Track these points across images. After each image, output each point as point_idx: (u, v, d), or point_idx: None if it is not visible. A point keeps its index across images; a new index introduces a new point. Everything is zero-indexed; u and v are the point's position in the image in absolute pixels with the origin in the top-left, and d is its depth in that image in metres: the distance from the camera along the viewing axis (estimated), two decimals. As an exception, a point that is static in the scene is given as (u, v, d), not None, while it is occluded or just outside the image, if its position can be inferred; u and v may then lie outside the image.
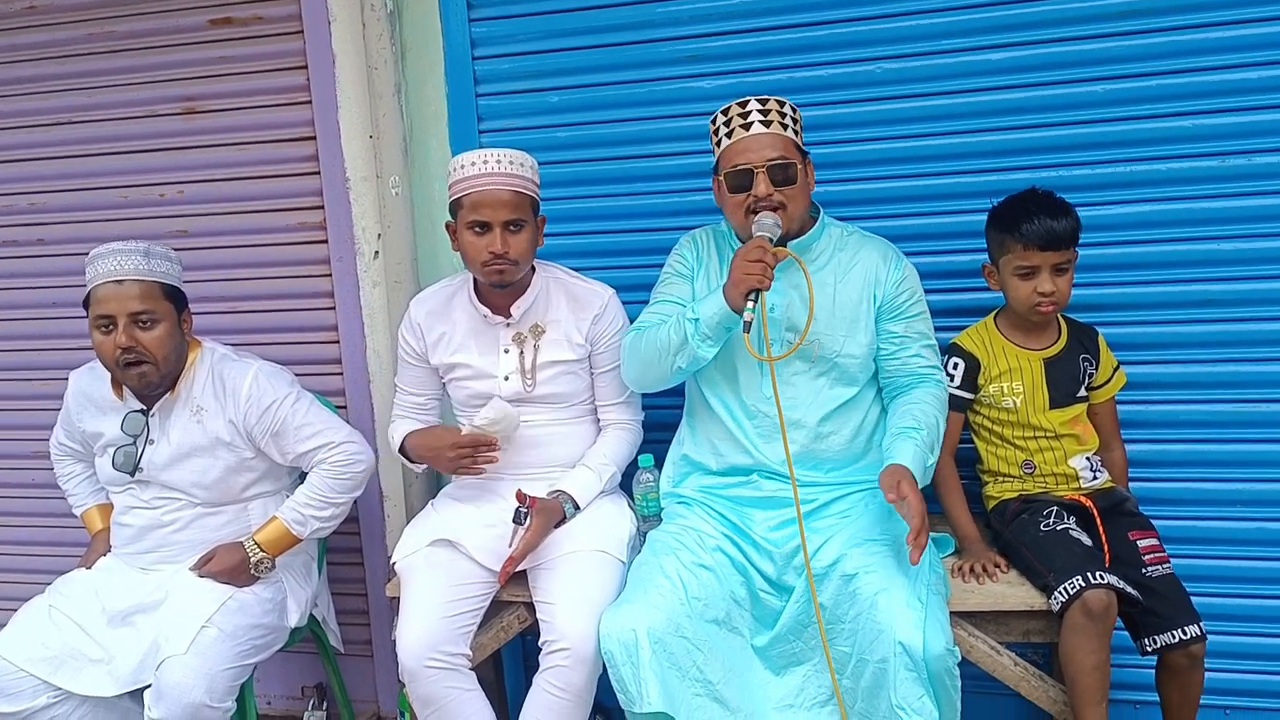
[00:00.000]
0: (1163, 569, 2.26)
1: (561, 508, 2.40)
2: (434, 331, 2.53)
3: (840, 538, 2.22)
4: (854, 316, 2.33)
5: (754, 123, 2.26)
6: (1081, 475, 2.42)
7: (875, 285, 2.34)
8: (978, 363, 2.45)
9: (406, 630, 2.28)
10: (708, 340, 2.25)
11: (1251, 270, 2.53)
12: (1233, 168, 2.50)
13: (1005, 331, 2.47)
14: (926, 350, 2.36)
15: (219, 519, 2.54)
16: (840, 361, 2.33)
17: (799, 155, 2.29)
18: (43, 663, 2.35)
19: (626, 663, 2.09)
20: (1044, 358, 2.43)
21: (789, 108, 2.30)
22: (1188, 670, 2.24)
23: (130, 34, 3.03)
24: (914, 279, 2.38)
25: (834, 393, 2.34)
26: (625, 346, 2.42)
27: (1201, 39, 2.47)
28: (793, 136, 2.28)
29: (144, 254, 2.40)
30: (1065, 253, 2.33)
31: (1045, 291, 2.33)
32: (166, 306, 2.41)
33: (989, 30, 2.56)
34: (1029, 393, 2.42)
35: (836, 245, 2.39)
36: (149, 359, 2.39)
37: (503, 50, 2.85)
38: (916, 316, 2.36)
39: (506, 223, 2.33)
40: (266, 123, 2.99)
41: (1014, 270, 2.36)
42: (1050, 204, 2.33)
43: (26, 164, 3.19)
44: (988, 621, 2.27)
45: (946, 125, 2.62)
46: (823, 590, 2.17)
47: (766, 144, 2.25)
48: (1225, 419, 2.60)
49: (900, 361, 2.35)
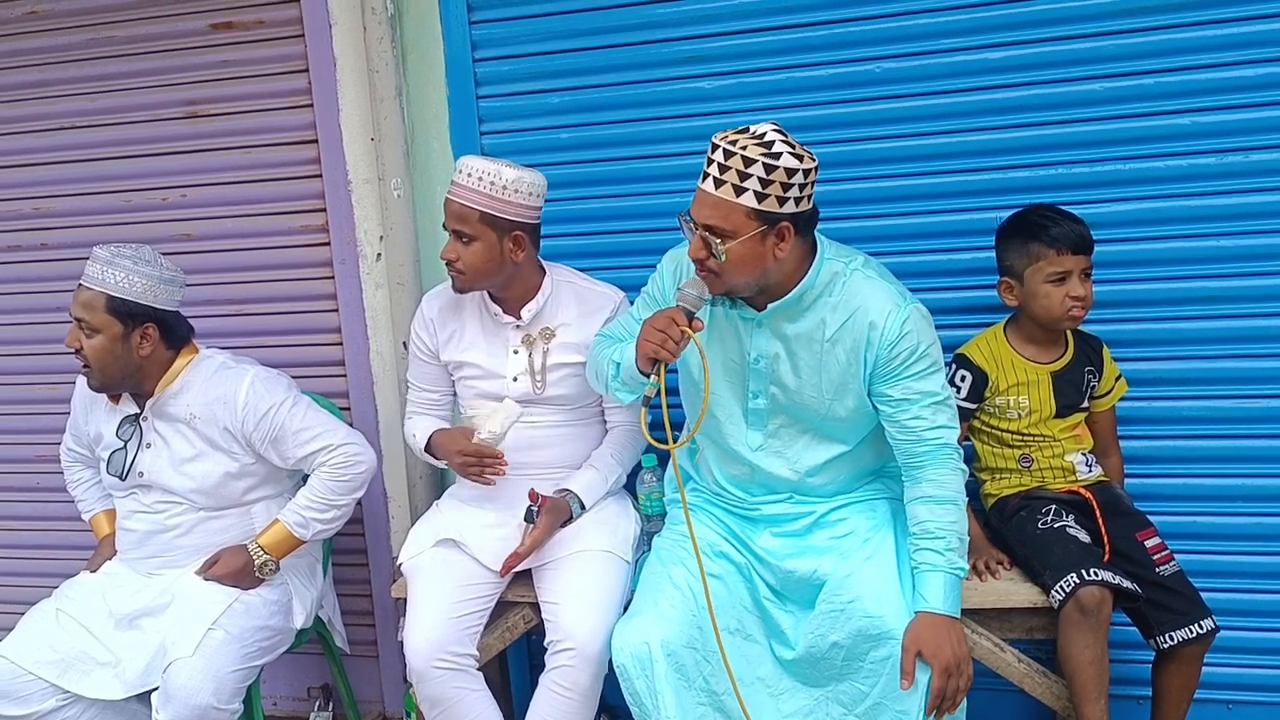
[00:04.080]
0: (1171, 566, 2.28)
1: (569, 506, 2.42)
2: (445, 328, 2.55)
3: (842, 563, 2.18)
4: (842, 381, 2.16)
5: (710, 177, 2.00)
6: (1078, 469, 2.43)
7: (866, 348, 2.12)
8: (986, 376, 2.44)
9: (414, 631, 2.30)
10: (625, 387, 2.22)
11: (1250, 267, 2.53)
12: (1230, 165, 2.50)
13: (1015, 344, 2.46)
14: (929, 411, 2.12)
15: (222, 523, 2.54)
16: (827, 425, 2.22)
17: (754, 224, 1.98)
18: (50, 666, 2.37)
19: (640, 676, 2.08)
20: (1051, 371, 2.43)
21: (759, 169, 1.94)
22: (1195, 662, 2.26)
23: (132, 39, 3.03)
24: (914, 335, 2.10)
25: (821, 449, 2.26)
26: (590, 348, 2.42)
27: (1198, 37, 2.47)
28: (747, 204, 1.96)
29: (105, 263, 2.39)
30: (1090, 257, 2.35)
31: (1078, 295, 2.33)
32: (105, 319, 2.38)
33: (987, 30, 2.56)
34: (1036, 405, 2.42)
35: (829, 302, 2.14)
36: (89, 365, 2.42)
37: (503, 52, 2.85)
38: (915, 376, 2.11)
39: (457, 233, 2.37)
40: (268, 126, 3.00)
41: (1046, 277, 2.33)
42: (1065, 213, 2.36)
43: (30, 169, 3.19)
44: (991, 618, 2.28)
45: (945, 124, 2.62)
46: (838, 628, 2.11)
47: (709, 205, 2.00)
48: (1225, 415, 2.60)
49: (900, 425, 2.14)
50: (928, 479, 2.13)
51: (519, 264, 2.42)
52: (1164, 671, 2.31)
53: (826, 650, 2.12)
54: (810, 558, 2.22)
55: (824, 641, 2.12)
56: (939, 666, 1.99)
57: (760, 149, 1.95)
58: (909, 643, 2.01)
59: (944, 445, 2.13)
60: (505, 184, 2.34)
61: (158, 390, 2.48)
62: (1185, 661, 2.26)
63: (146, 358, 2.45)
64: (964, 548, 2.12)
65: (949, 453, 2.14)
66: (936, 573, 2.07)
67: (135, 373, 2.46)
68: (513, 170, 2.35)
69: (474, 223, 2.35)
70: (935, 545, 2.09)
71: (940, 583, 2.06)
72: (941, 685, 2.00)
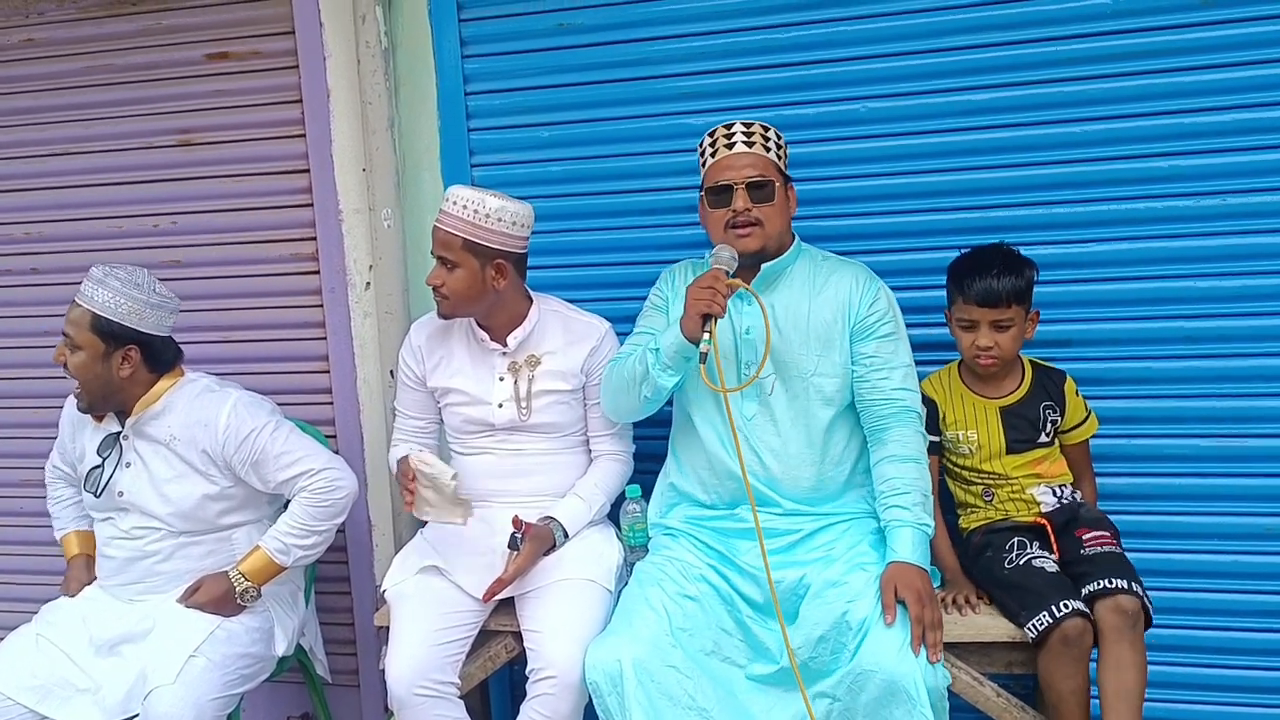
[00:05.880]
0: (1104, 549, 2.28)
1: (552, 534, 2.43)
2: (433, 355, 2.57)
3: (826, 571, 2.26)
4: (827, 337, 2.37)
5: (737, 142, 2.35)
6: (1042, 501, 2.45)
7: (849, 307, 2.38)
8: (936, 406, 2.50)
9: (396, 658, 2.30)
10: (668, 370, 2.29)
11: (1225, 308, 2.58)
12: (1206, 208, 2.55)
13: (965, 378, 2.52)
14: (898, 374, 2.36)
15: (201, 549, 2.54)
16: (815, 382, 2.37)
17: (779, 176, 2.37)
18: (30, 692, 2.35)
19: (612, 693, 2.12)
20: (1000, 406, 2.47)
21: (773, 133, 2.39)
22: (1119, 636, 2.13)
23: (128, 67, 3.07)
24: (887, 301, 2.41)
25: (812, 416, 2.38)
26: (603, 378, 2.47)
27: (1177, 82, 2.53)
28: (774, 159, 2.36)
29: (97, 282, 2.42)
30: (1005, 310, 2.37)
31: (982, 346, 2.39)
32: (89, 337, 2.40)
33: (969, 72, 2.62)
34: (984, 439, 2.46)
35: (812, 268, 2.44)
36: (75, 379, 2.44)
37: (495, 86, 2.90)
38: (888, 338, 2.37)
39: (442, 259, 2.41)
40: (261, 155, 3.02)
41: (957, 322, 2.43)
42: (1003, 262, 2.38)
43: (23, 194, 3.21)
44: (970, 652, 2.29)
45: (927, 163, 2.67)
46: (814, 627, 2.19)
47: (747, 162, 2.33)
48: (1202, 453, 2.63)
49: (871, 385, 2.36)
50: (893, 439, 2.33)
51: (501, 292, 2.45)
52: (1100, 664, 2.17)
53: (814, 648, 2.19)
54: (795, 569, 2.29)
55: (811, 639, 2.19)
56: (913, 596, 2.13)
57: (761, 125, 2.40)
58: (885, 583, 2.16)
59: (908, 408, 2.35)
60: (489, 213, 2.38)
61: (137, 409, 2.49)
62: (1109, 636, 2.13)
63: (127, 379, 2.45)
64: (928, 504, 2.30)
65: (912, 415, 2.35)
66: (905, 527, 2.23)
67: (116, 393, 2.47)
68: (497, 200, 2.39)
69: (457, 249, 2.39)
70: (903, 501, 2.26)
71: (909, 537, 2.22)
72: (919, 611, 2.11)
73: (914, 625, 2.11)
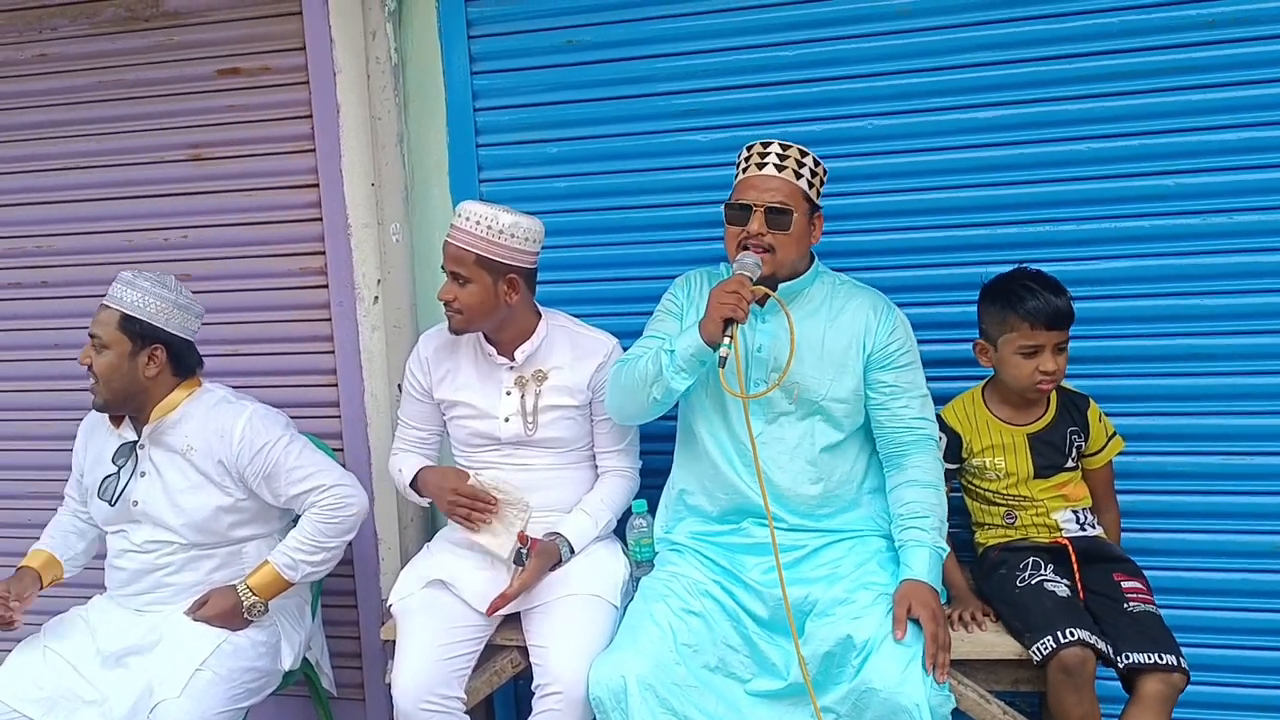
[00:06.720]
0: (1145, 607, 2.26)
1: (558, 550, 2.43)
2: (440, 367, 2.58)
3: (833, 589, 2.25)
4: (841, 362, 2.36)
5: (768, 164, 2.33)
6: (1064, 526, 2.44)
7: (865, 334, 2.37)
8: (960, 439, 2.48)
9: (402, 672, 2.29)
10: (682, 373, 2.27)
11: (1236, 325, 2.58)
12: (1215, 225, 2.55)
13: (992, 406, 2.49)
14: (917, 402, 2.37)
15: (211, 562, 2.54)
16: (825, 405, 2.36)
17: (806, 205, 2.34)
18: (36, 704, 2.35)
19: (616, 708, 2.12)
20: (1028, 433, 2.45)
21: (810, 159, 2.35)
22: (1161, 708, 2.14)
23: (139, 82, 3.10)
24: (905, 330, 2.41)
25: (820, 437, 2.38)
26: (610, 377, 2.46)
27: (1185, 101, 2.54)
28: (803, 186, 2.33)
29: (126, 284, 2.48)
30: (1066, 331, 2.35)
31: (1048, 371, 2.34)
32: (116, 336, 2.45)
33: (978, 90, 2.63)
34: (1012, 466, 2.44)
35: (829, 292, 2.43)
36: (96, 380, 2.46)
37: (504, 102, 2.91)
38: (907, 367, 2.38)
39: (454, 274, 2.42)
40: (271, 170, 3.05)
41: (1017, 349, 2.35)
42: (1048, 283, 2.36)
43: (34, 208, 3.24)
44: (977, 670, 2.28)
45: (935, 180, 2.68)
46: (820, 644, 2.18)
47: (772, 186, 2.31)
48: (1214, 471, 2.63)
49: (891, 413, 2.36)
50: (913, 465, 2.34)
51: (513, 306, 2.45)
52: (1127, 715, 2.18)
53: (820, 664, 2.18)
54: (800, 586, 2.28)
55: (818, 655, 2.18)
56: (928, 614, 2.13)
57: (799, 149, 2.35)
58: (899, 599, 2.17)
59: (927, 436, 2.37)
60: (501, 229, 2.38)
61: (154, 417, 2.50)
62: (1148, 704, 2.16)
63: (152, 379, 2.49)
64: (944, 529, 2.30)
65: (931, 443, 2.37)
66: (923, 548, 2.24)
67: (139, 394, 2.49)
68: (509, 215, 2.40)
69: (470, 265, 2.39)
70: (922, 524, 2.26)
71: (925, 557, 2.23)
72: (934, 629, 2.12)
73: (928, 643, 2.10)
